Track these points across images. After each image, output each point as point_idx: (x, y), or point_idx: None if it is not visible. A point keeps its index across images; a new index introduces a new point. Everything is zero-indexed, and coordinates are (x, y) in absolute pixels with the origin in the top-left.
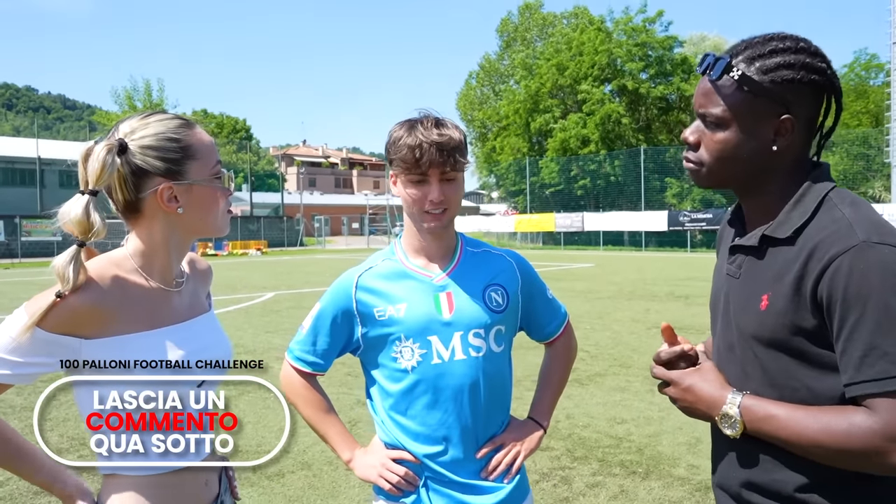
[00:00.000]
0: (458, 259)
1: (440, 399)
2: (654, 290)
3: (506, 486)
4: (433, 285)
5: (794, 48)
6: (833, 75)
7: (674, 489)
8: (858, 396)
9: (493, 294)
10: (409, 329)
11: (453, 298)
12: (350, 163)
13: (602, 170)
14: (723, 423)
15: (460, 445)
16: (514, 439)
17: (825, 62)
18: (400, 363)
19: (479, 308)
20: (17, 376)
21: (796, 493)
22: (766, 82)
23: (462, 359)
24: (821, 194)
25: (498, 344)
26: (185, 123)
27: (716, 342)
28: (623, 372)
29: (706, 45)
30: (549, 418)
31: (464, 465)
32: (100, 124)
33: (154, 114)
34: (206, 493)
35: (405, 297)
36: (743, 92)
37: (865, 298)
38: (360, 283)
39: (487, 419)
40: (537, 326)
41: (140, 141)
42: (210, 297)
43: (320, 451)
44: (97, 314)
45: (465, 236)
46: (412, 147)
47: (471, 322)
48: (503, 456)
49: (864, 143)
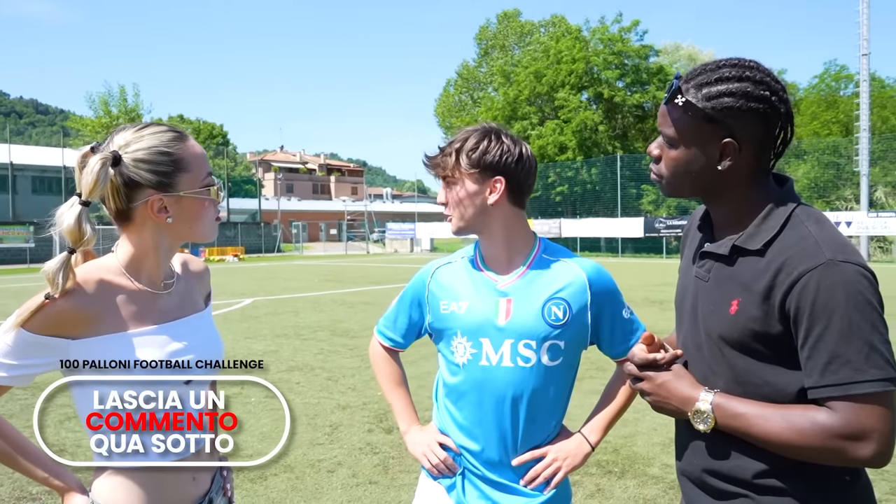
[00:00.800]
0: (528, 267)
1: (482, 401)
2: (630, 296)
3: (543, 496)
4: (497, 290)
5: (739, 77)
6: (778, 101)
7: (648, 487)
8: (821, 398)
9: (553, 307)
10: (466, 327)
11: (512, 305)
12: (328, 169)
13: (579, 176)
14: (696, 419)
15: (496, 449)
16: (557, 451)
17: (769, 89)
18: (455, 357)
19: (536, 319)
20: (13, 378)
21: (755, 479)
22: (707, 108)
23: (509, 366)
24: (788, 210)
25: (552, 358)
26: (178, 136)
27: (682, 340)
28: (600, 375)
29: (680, 55)
30: (600, 436)
31: (499, 468)
32: (73, 129)
33: (148, 126)
34: (193, 489)
35: (468, 296)
36: (688, 116)
37: (831, 312)
38: (436, 275)
39: (528, 430)
40: (607, 345)
41: (134, 154)
42: (210, 297)
43: (302, 454)
44: (82, 316)
45: (547, 242)
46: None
47: (523, 332)
48: (542, 468)
49: (834, 152)
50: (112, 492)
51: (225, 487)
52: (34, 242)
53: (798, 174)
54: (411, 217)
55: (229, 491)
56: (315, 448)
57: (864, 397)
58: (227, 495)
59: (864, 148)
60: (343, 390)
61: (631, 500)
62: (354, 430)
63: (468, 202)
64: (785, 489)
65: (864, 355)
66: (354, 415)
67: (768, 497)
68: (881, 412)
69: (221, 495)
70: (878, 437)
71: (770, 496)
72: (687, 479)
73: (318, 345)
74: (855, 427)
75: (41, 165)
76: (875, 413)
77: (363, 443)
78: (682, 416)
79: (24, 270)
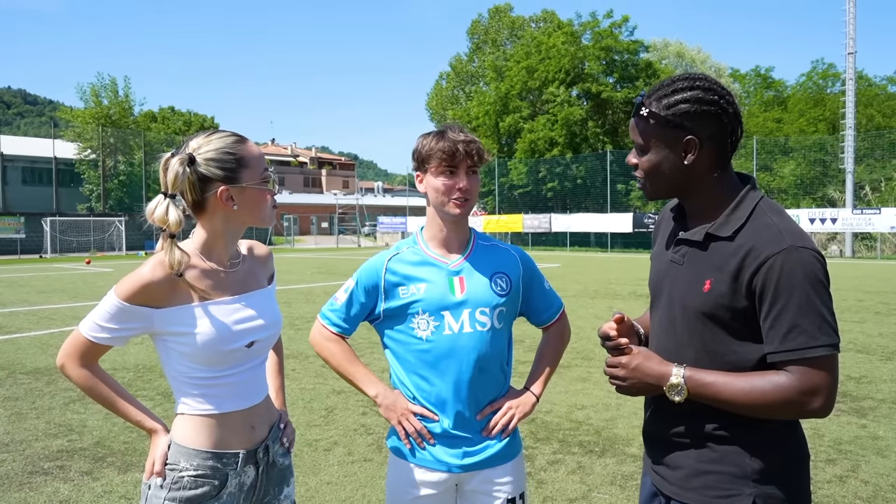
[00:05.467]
0: (471, 249)
1: (450, 363)
2: (617, 290)
3: (501, 442)
4: (449, 270)
5: (690, 87)
6: (726, 104)
7: (626, 465)
8: (779, 363)
9: (498, 280)
10: (427, 305)
11: (465, 282)
12: (319, 162)
13: (569, 172)
14: (671, 392)
15: (465, 405)
16: (510, 403)
17: (717, 94)
18: (417, 332)
19: (487, 290)
20: (113, 339)
21: (714, 432)
22: (668, 115)
23: (469, 332)
24: (753, 203)
25: (500, 322)
26: (239, 140)
27: (657, 317)
28: (585, 364)
29: (669, 51)
30: (541, 388)
31: (466, 423)
32: (63, 120)
33: (216, 132)
34: (253, 435)
35: (425, 278)
36: (653, 124)
37: (792, 289)
38: (389, 266)
39: (488, 383)
40: (535, 312)
41: (204, 154)
42: (273, 278)
43: (299, 434)
44: (164, 290)
45: (478, 231)
46: (446, 145)
47: (479, 301)
48: (500, 416)
49: (821, 150)
50: (186, 432)
51: (281, 439)
52: (25, 233)
53: (785, 171)
54: (402, 211)
55: (286, 442)
56: (312, 429)
57: (816, 360)
58: (285, 445)
59: (850, 145)
60: (337, 377)
61: (610, 477)
62: (349, 413)
63: None
64: (739, 439)
65: (817, 326)
66: (349, 399)
67: (724, 446)
68: (829, 372)
69: (278, 444)
70: (826, 392)
71: (726, 445)
72: (654, 440)
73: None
74: (809, 385)
75: (31, 156)
76: (824, 373)
77: (357, 424)
78: (657, 391)
79: (15, 261)
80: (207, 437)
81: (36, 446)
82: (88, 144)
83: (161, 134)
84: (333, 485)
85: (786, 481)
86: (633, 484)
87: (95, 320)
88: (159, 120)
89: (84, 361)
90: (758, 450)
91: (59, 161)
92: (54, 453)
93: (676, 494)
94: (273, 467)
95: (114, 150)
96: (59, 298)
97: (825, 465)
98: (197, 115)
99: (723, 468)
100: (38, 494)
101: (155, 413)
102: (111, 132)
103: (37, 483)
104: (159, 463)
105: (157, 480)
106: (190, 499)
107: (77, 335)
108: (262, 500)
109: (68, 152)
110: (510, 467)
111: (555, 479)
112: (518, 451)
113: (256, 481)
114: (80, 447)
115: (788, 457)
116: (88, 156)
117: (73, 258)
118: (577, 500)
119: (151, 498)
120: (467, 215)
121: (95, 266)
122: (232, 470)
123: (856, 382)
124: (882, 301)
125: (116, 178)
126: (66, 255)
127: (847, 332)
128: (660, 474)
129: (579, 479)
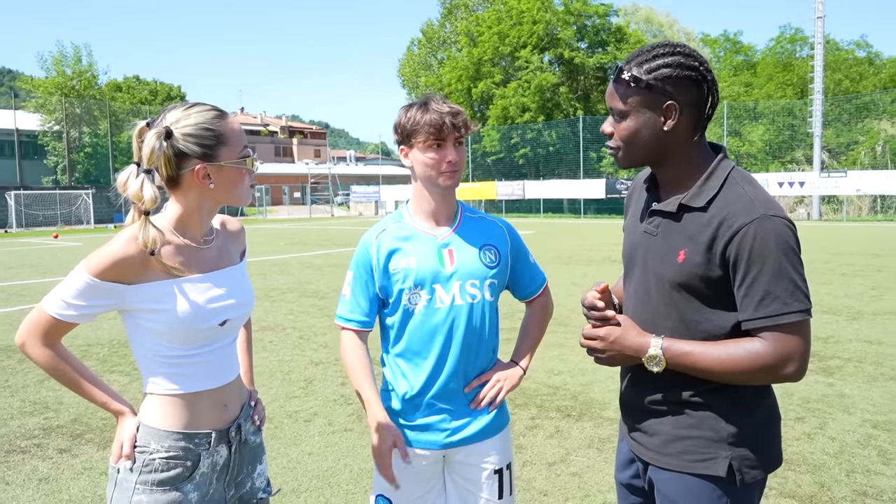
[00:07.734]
0: (459, 222)
1: (440, 336)
2: (591, 256)
3: (490, 414)
4: (438, 243)
5: (671, 52)
6: (706, 70)
7: (603, 428)
8: (754, 329)
9: (487, 252)
10: (418, 278)
11: (454, 254)
12: (290, 131)
13: (542, 138)
14: (650, 363)
15: (454, 377)
16: (498, 375)
17: (697, 61)
18: (409, 306)
19: (477, 262)
20: (81, 316)
21: (690, 398)
22: (650, 79)
23: (461, 304)
24: (725, 173)
25: (491, 294)
26: (219, 115)
27: (633, 287)
28: (561, 330)
29: (639, 16)
30: (527, 361)
31: (453, 397)
32: (24, 90)
33: (195, 105)
34: (225, 414)
35: (414, 252)
36: (634, 88)
37: (765, 258)
38: (379, 242)
39: (478, 355)
40: (520, 286)
41: (182, 129)
42: (245, 254)
43: (279, 406)
44: (136, 265)
45: (465, 205)
46: (433, 118)
47: (468, 273)
48: (488, 389)
49: (789, 114)
50: (156, 413)
51: (253, 417)
52: None
53: (754, 136)
54: (375, 179)
55: (257, 420)
56: (291, 401)
57: (789, 326)
58: (256, 423)
59: (818, 110)
60: (315, 348)
61: (587, 440)
62: (328, 384)
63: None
64: (714, 405)
65: (790, 292)
66: (327, 370)
67: (700, 412)
68: (802, 337)
69: (249, 422)
70: (800, 357)
71: (702, 411)
72: (631, 408)
73: (287, 305)
74: (783, 351)
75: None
76: (797, 339)
77: (337, 395)
78: (636, 362)
79: None
80: (178, 417)
81: (11, 425)
82: (52, 116)
83: (127, 104)
84: (315, 455)
85: (759, 442)
86: (609, 447)
87: (62, 297)
88: (124, 89)
89: (47, 340)
90: (732, 414)
91: (21, 133)
92: (31, 431)
93: (654, 460)
94: (245, 445)
95: (78, 120)
96: (27, 274)
97: (794, 423)
98: (163, 84)
99: (699, 433)
100: (16, 473)
101: (131, 388)
102: (75, 102)
103: (14, 462)
104: (128, 445)
105: (126, 464)
106: (162, 481)
107: (40, 312)
108: (236, 479)
109: (31, 124)
110: (498, 440)
111: (533, 444)
112: (505, 423)
113: (229, 460)
114: (56, 424)
115: (761, 419)
116: (52, 127)
117: (39, 232)
118: (556, 463)
119: (121, 482)
120: (456, 186)
121: (63, 240)
122: (204, 450)
123: (822, 342)
124: (847, 262)
125: (82, 149)
126: (32, 229)
127: (814, 294)
128: (637, 441)
129: (557, 443)
